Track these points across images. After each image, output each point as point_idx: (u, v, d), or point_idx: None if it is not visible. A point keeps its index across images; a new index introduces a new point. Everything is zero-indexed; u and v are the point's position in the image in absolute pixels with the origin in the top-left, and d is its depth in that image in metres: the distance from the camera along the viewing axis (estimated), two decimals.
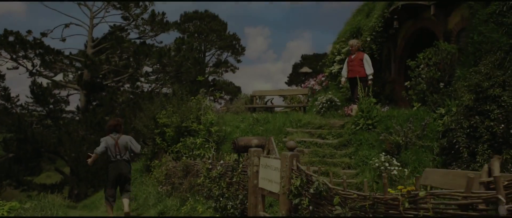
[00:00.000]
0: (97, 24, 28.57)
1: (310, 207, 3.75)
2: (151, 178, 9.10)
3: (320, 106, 10.52)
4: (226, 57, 39.88)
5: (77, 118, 27.89)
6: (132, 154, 7.38)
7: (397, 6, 9.73)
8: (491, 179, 2.58)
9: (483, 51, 7.06)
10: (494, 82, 6.51)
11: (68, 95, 29.63)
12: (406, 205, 2.94)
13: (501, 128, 6.04)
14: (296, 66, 38.70)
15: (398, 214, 3.01)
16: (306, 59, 39.23)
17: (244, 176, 5.31)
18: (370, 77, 9.22)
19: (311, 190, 3.68)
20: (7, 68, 26.76)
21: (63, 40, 28.53)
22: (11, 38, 25.68)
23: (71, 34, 29.55)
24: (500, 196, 2.40)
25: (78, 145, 24.41)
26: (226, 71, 39.88)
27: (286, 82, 42.29)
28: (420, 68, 8.24)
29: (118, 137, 7.24)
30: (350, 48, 9.66)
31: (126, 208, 7.08)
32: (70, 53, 28.87)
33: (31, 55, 26.17)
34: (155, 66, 28.28)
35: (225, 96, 38.44)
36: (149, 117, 9.85)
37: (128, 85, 29.26)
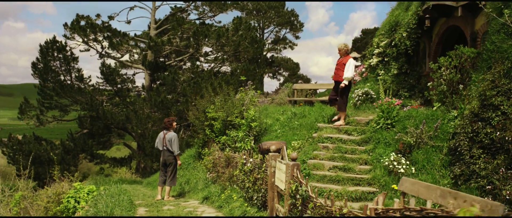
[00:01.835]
0: (159, 6, 30.77)
1: (299, 207, 5.17)
2: (201, 165, 10.89)
3: (357, 98, 11.67)
4: (285, 33, 40.90)
5: (143, 95, 30.63)
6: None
7: (428, 6, 10.54)
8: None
9: (493, 59, 7.89)
10: (498, 91, 7.40)
11: (134, 74, 32.52)
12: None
13: (497, 134, 6.99)
14: (356, 41, 38.89)
15: None
16: (366, 34, 39.28)
17: (265, 174, 6.79)
18: (345, 82, 9.45)
19: (298, 195, 5.09)
20: (80, 51, 29.88)
21: (128, 22, 31.25)
22: (82, 23, 28.59)
23: (136, 16, 32.01)
24: None
25: (144, 122, 27.11)
26: (285, 48, 40.98)
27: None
28: (441, 70, 9.15)
29: (166, 133, 9.70)
30: (338, 52, 9.97)
31: (164, 195, 9.67)
32: (135, 34, 31.52)
33: (100, 38, 28.96)
34: (214, 46, 30.07)
35: (284, 73, 39.73)
36: (200, 110, 11.54)
37: (189, 64, 31.46)
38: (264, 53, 37.41)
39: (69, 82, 27.47)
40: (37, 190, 13.91)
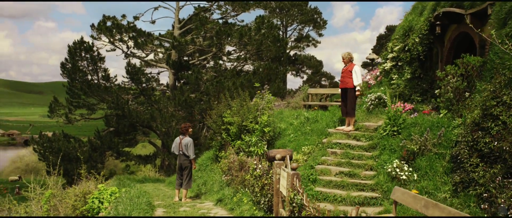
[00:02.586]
0: (182, 6, 31.61)
1: (296, 213, 5.73)
2: (218, 167, 11.55)
3: (369, 103, 12.10)
4: (308, 31, 41.25)
5: (167, 94, 31.57)
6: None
7: (439, 13, 10.86)
8: None
9: (495, 70, 8.22)
10: (498, 101, 7.75)
11: (158, 73, 33.54)
12: None
13: (495, 144, 7.36)
14: (380, 38, 38.90)
15: None
16: (391, 31, 39.22)
17: (271, 180, 7.37)
18: (358, 88, 9.99)
19: (293, 203, 5.65)
20: (106, 51, 31.06)
21: (153, 22, 32.25)
22: (109, 23, 29.70)
23: (160, 16, 32.97)
24: None
25: (168, 120, 28.03)
26: (308, 45, 41.36)
27: (372, 50, 42.63)
28: (448, 78, 9.50)
29: (182, 138, 10.49)
30: (342, 60, 10.43)
31: (181, 197, 10.48)
32: (160, 34, 32.45)
33: (126, 38, 30.01)
34: (237, 45, 30.70)
35: (307, 71, 40.03)
36: (218, 114, 12.18)
37: (212, 63, 32.25)
38: (287, 51, 37.87)
39: (96, 81, 28.64)
40: (65, 187, 14.80)
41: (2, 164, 57.55)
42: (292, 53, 39.71)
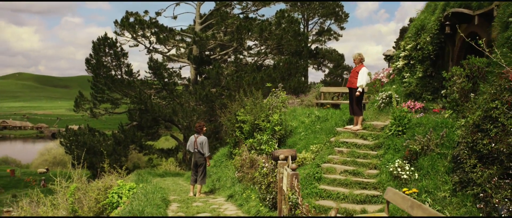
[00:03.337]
0: (203, 1, 32.21)
1: (292, 211, 6.25)
2: (231, 164, 12.14)
3: (380, 101, 12.46)
4: (329, 25, 41.39)
5: (190, 88, 32.34)
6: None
7: (448, 13, 11.12)
8: None
9: (497, 72, 8.51)
10: (498, 103, 8.05)
11: (180, 68, 34.36)
12: None
13: (493, 145, 7.69)
14: (403, 31, 38.66)
15: None
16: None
17: (276, 178, 7.90)
18: (359, 89, 10.41)
19: (290, 202, 6.17)
20: (129, 46, 32.02)
21: (175, 18, 32.93)
22: (131, 19, 30.59)
23: (182, 12, 33.73)
24: None
25: (189, 114, 28.82)
26: (329, 39, 41.51)
27: (393, 47, 42.50)
28: (454, 79, 9.80)
29: (197, 136, 11.12)
30: (353, 61, 10.95)
31: (195, 192, 11.14)
32: (181, 29, 33.20)
33: (148, 34, 30.87)
34: (257, 40, 31.18)
35: (329, 64, 40.19)
36: (232, 113, 12.76)
37: (233, 57, 32.84)
38: (309, 45, 38.08)
39: (119, 76, 29.64)
40: (90, 181, 15.59)
41: (31, 157, 59.81)
42: (313, 47, 39.96)
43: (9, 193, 43.53)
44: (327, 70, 43.43)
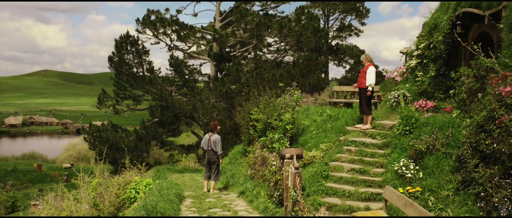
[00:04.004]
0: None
1: (292, 207, 6.68)
2: (245, 161, 12.63)
3: (393, 100, 12.72)
4: (350, 20, 41.41)
5: (211, 84, 32.95)
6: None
7: (459, 13, 11.32)
8: None
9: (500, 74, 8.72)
10: (501, 105, 8.29)
11: (200, 65, 35.01)
12: None
13: (494, 146, 7.95)
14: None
15: None
16: None
17: (282, 176, 8.34)
18: (369, 88, 10.77)
19: (290, 199, 6.61)
20: (150, 44, 32.82)
21: (195, 15, 33.56)
22: (153, 17, 31.34)
23: (202, 9, 34.21)
24: None
25: (209, 111, 29.44)
26: (350, 35, 41.54)
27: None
28: (462, 79, 10.03)
29: (211, 135, 11.66)
30: (362, 62, 11.37)
31: (209, 188, 11.70)
32: (201, 26, 33.80)
33: (169, 32, 31.58)
34: (276, 37, 31.53)
35: (350, 60, 40.23)
36: (246, 111, 13.24)
37: (252, 54, 33.30)
38: (329, 41, 38.29)
39: (141, 74, 30.42)
40: (112, 176, 16.26)
41: (57, 152, 61.67)
42: (334, 43, 40.11)
43: (36, 187, 45.22)
44: (348, 66, 43.61)
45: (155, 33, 31.45)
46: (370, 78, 10.79)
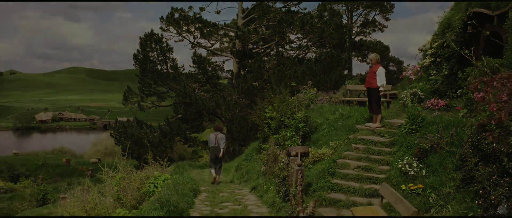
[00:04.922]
0: None
1: (293, 202, 7.24)
2: (260, 158, 13.25)
3: (405, 99, 13.11)
4: (374, 16, 41.38)
5: (233, 81, 33.62)
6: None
7: (470, 13, 11.62)
8: None
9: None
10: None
11: (223, 62, 35.73)
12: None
13: (494, 145, 8.31)
14: None
15: None
16: None
17: (289, 173, 8.91)
18: (381, 89, 11.19)
19: (291, 194, 7.18)
20: (174, 41, 33.70)
21: (218, 12, 34.22)
22: (176, 15, 32.19)
23: (225, 7, 34.95)
24: None
25: (232, 108, 30.11)
26: (374, 30, 41.54)
27: None
28: (469, 79, 10.36)
29: (217, 134, 13.09)
30: (371, 62, 11.84)
31: (216, 178, 13.19)
32: (224, 23, 34.48)
33: (192, 29, 32.37)
34: (298, 34, 31.93)
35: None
36: (262, 109, 13.85)
37: (274, 51, 33.80)
38: (353, 37, 38.44)
39: (165, 71, 31.34)
40: (135, 171, 17.08)
41: (85, 147, 63.70)
42: (357, 39, 40.19)
43: (65, 181, 47.06)
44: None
45: (179, 30, 32.28)
46: (381, 79, 11.20)
